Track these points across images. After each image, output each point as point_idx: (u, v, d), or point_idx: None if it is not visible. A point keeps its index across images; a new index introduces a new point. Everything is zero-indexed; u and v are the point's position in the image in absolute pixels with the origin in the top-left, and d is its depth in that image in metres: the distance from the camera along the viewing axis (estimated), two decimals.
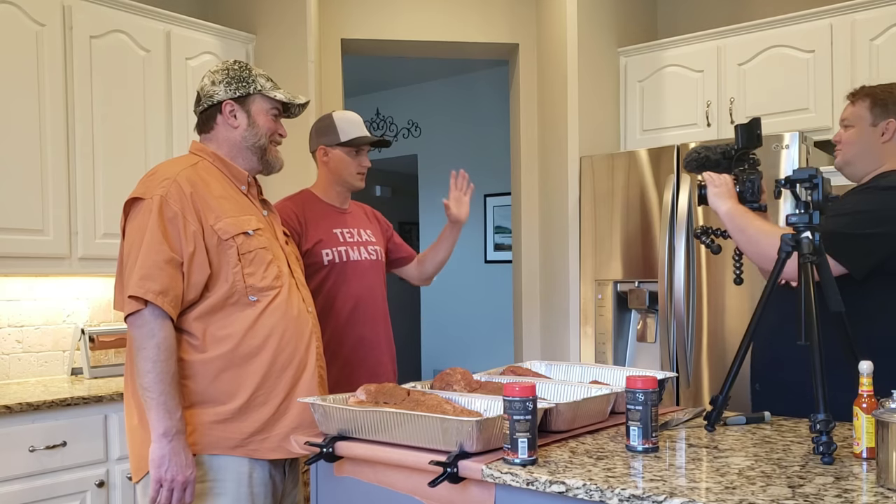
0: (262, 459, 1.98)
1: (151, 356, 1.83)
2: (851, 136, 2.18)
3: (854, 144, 2.17)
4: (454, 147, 7.03)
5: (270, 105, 2.09)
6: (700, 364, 3.29)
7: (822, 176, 1.80)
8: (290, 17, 3.71)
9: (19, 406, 2.55)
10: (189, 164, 2.02)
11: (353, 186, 2.63)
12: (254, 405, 1.95)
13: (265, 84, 2.08)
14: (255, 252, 1.98)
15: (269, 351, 1.96)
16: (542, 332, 4.13)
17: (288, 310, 2.01)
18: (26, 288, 3.20)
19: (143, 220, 1.89)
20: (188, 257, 1.89)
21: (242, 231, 1.97)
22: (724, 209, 2.06)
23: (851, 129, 2.19)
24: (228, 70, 2.07)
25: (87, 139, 3.05)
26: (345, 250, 2.56)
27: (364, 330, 2.56)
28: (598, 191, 3.62)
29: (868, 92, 2.19)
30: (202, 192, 1.95)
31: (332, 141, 2.58)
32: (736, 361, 1.85)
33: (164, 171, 1.98)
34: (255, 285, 1.96)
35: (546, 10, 4.01)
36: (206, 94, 2.07)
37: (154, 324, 1.84)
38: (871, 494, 1.31)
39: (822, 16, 3.33)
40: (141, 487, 1.97)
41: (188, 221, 1.90)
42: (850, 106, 2.21)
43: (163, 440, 1.84)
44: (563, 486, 1.40)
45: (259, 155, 2.10)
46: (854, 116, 2.18)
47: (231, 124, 2.06)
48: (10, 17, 2.84)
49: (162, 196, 1.90)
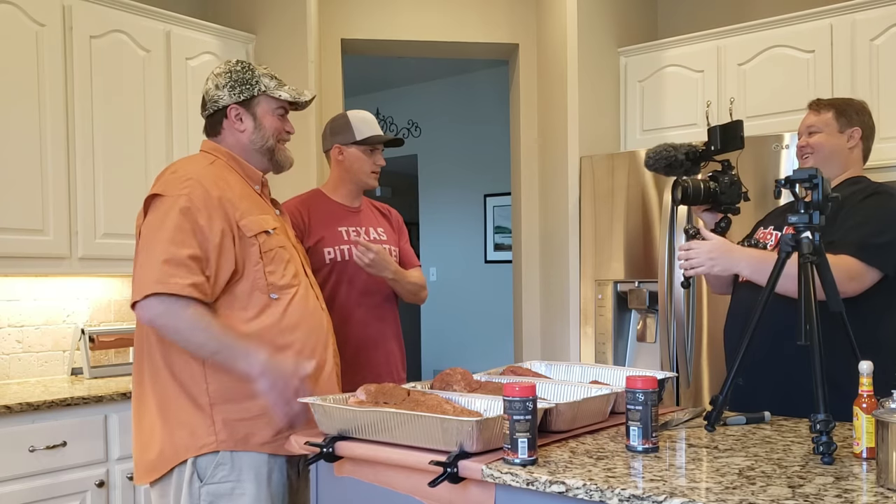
0: (283, 457, 1.97)
1: (199, 327, 1.84)
2: (821, 139, 2.25)
3: (824, 147, 2.24)
4: (454, 147, 7.03)
5: (276, 104, 2.09)
6: (700, 364, 3.28)
7: (821, 176, 1.80)
8: (290, 17, 3.71)
9: (19, 406, 2.55)
10: (207, 162, 2.02)
11: (367, 185, 2.64)
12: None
13: (269, 84, 2.07)
14: (275, 251, 1.99)
15: (294, 347, 1.97)
16: (542, 332, 4.13)
17: (306, 307, 2.02)
18: (26, 288, 3.20)
19: (163, 216, 1.88)
20: (215, 254, 1.88)
21: (264, 230, 1.98)
22: (744, 263, 2.06)
23: (819, 134, 2.26)
24: (231, 72, 2.06)
25: (87, 139, 3.05)
26: (348, 248, 2.54)
27: (369, 329, 2.55)
28: (598, 191, 3.62)
29: (830, 103, 2.29)
30: (226, 190, 1.95)
31: (348, 139, 2.59)
32: (736, 361, 1.85)
33: (185, 171, 1.96)
34: (276, 283, 1.97)
35: (546, 10, 4.01)
36: (211, 98, 2.07)
37: (174, 305, 1.83)
38: (871, 494, 1.31)
39: (822, 16, 3.33)
40: (157, 489, 1.95)
41: (214, 220, 1.89)
42: (813, 114, 2.29)
43: (262, 380, 1.87)
44: (563, 486, 1.39)
45: (268, 156, 2.10)
46: (822, 123, 2.26)
47: (237, 128, 2.06)
48: (10, 17, 2.84)
49: (187, 196, 1.89)
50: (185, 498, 1.90)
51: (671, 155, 2.09)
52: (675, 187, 2.12)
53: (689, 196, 2.11)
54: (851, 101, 2.31)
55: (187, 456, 1.90)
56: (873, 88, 3.14)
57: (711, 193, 2.12)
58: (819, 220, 1.77)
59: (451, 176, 7.07)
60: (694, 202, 2.14)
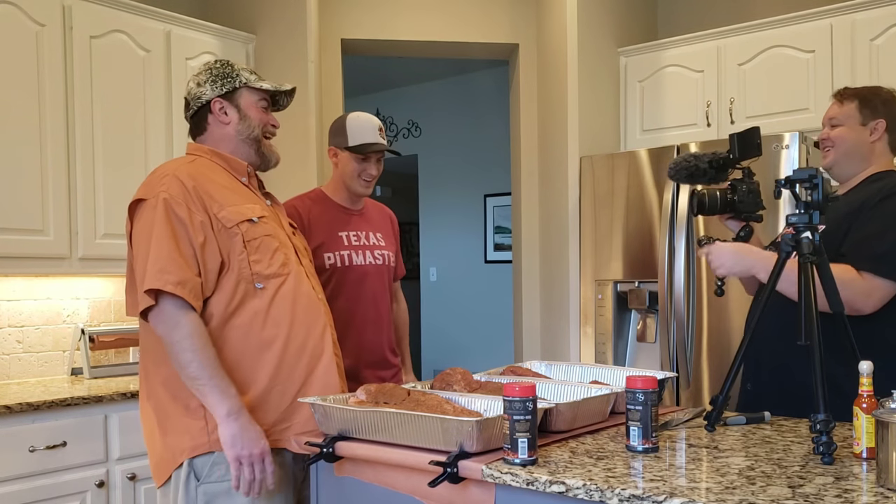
0: (283, 450, 1.96)
1: (187, 346, 1.83)
2: (842, 133, 2.16)
3: (845, 141, 2.15)
4: (454, 147, 7.03)
5: (258, 97, 2.09)
6: (700, 364, 3.29)
7: (822, 176, 1.79)
8: (290, 17, 3.71)
9: (19, 406, 2.55)
10: (187, 161, 2.03)
11: (357, 192, 2.57)
12: (272, 395, 1.94)
13: (249, 77, 2.09)
14: (260, 239, 1.97)
15: (282, 339, 1.96)
16: (542, 332, 4.13)
17: (298, 297, 2.00)
18: (26, 288, 3.20)
19: (149, 219, 1.90)
20: (200, 248, 1.89)
21: (247, 218, 1.97)
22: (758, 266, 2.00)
23: (841, 127, 2.17)
24: (211, 69, 2.08)
25: (87, 139, 3.05)
26: (348, 254, 2.52)
27: (366, 335, 2.54)
28: (598, 191, 3.62)
29: (855, 93, 2.19)
30: (204, 183, 1.96)
31: (341, 143, 2.53)
32: (736, 361, 1.85)
33: (163, 170, 1.98)
34: (262, 272, 1.95)
35: (546, 10, 4.01)
36: (193, 96, 2.08)
37: (177, 314, 1.84)
38: (871, 494, 1.31)
39: (822, 16, 3.33)
40: (161, 491, 1.97)
41: (194, 213, 1.90)
42: (837, 105, 2.20)
43: (228, 420, 1.84)
44: (563, 486, 1.39)
45: (255, 147, 2.10)
46: (843, 115, 2.17)
47: (222, 121, 2.07)
48: (10, 17, 2.84)
49: (165, 192, 1.90)
50: (182, 498, 1.90)
51: (692, 164, 2.04)
52: (691, 198, 2.10)
53: (705, 207, 2.08)
54: (879, 91, 2.20)
55: (183, 458, 1.91)
56: None
57: (729, 203, 2.08)
58: (819, 220, 1.77)
59: (451, 176, 7.07)
60: (711, 212, 2.10)
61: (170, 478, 1.93)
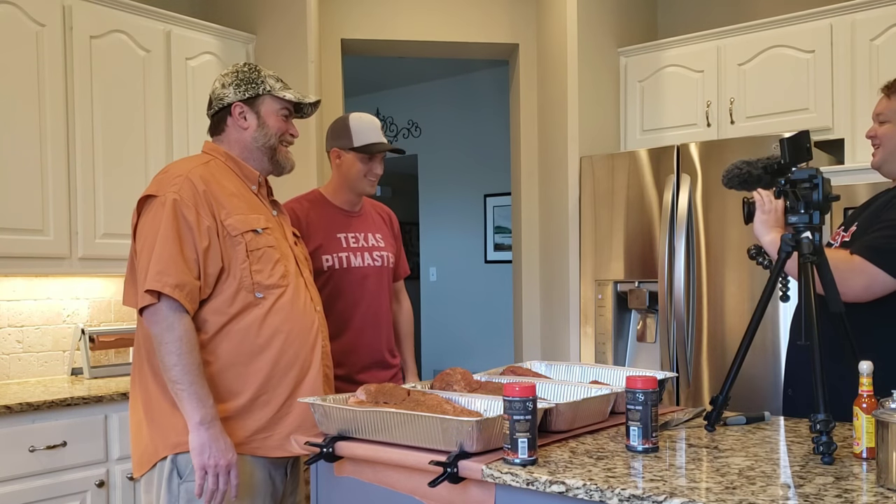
0: (264, 458, 1.98)
1: (175, 349, 1.85)
2: (888, 130, 2.06)
3: (892, 139, 2.06)
4: (454, 147, 7.03)
5: (280, 105, 2.11)
6: (700, 364, 3.29)
7: (822, 176, 1.80)
8: (290, 17, 3.71)
9: (19, 406, 2.55)
10: (201, 162, 2.05)
11: (364, 192, 2.58)
12: (257, 403, 1.96)
13: (274, 85, 2.10)
14: (262, 250, 1.99)
15: (274, 349, 1.97)
16: (542, 332, 4.12)
17: (294, 309, 2.02)
18: (26, 288, 3.20)
19: (156, 216, 1.91)
20: (203, 252, 1.91)
21: (251, 228, 1.99)
22: (769, 239, 1.95)
23: (888, 124, 2.07)
24: (238, 73, 2.10)
25: (87, 139, 3.05)
26: (346, 256, 2.52)
27: (365, 336, 2.54)
28: (598, 191, 3.62)
29: None
30: (214, 188, 1.97)
31: (346, 145, 2.52)
32: (736, 361, 1.85)
33: (176, 169, 2.00)
34: (262, 282, 1.97)
35: (546, 10, 4.01)
36: (216, 97, 2.10)
37: (172, 317, 1.86)
38: (871, 494, 1.31)
39: (822, 16, 3.33)
40: (143, 484, 1.98)
41: (202, 217, 1.92)
42: (885, 100, 2.09)
43: (200, 428, 1.86)
44: (563, 486, 1.40)
45: (269, 155, 2.11)
46: (891, 111, 2.07)
47: (241, 126, 2.08)
48: (10, 17, 2.84)
49: (176, 193, 1.92)
50: (164, 494, 1.92)
51: (744, 172, 1.97)
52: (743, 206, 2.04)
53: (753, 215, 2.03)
54: None
55: (165, 453, 1.93)
56: (873, 89, 3.13)
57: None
58: (819, 220, 1.77)
59: (451, 176, 7.07)
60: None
61: (149, 469, 1.95)
